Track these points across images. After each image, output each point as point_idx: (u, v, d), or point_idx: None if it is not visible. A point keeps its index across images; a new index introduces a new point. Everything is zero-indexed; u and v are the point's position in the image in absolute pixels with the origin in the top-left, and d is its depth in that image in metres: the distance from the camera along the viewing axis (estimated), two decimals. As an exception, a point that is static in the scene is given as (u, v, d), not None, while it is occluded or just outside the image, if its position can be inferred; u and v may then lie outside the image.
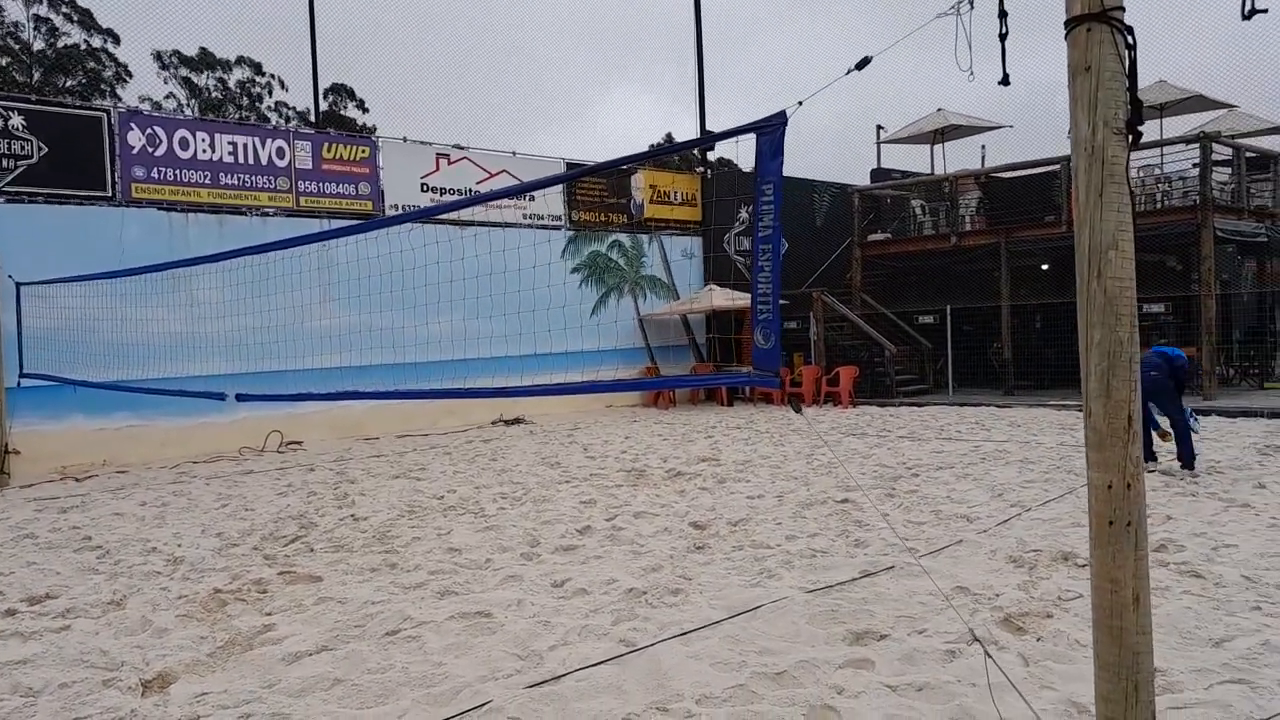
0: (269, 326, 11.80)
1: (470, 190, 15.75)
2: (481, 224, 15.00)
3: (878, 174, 22.91)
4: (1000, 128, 21.67)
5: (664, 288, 18.83)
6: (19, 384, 11.00)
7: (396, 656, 4.35)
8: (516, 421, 15.68)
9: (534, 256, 14.04)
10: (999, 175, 18.44)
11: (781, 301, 3.72)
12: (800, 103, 3.69)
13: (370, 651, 4.44)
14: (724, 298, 17.39)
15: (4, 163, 11.31)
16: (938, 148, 22.74)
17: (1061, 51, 2.41)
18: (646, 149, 27.13)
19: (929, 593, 4.94)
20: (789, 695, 3.74)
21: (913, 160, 25.60)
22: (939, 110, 21.34)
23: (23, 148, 11.47)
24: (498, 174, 16.26)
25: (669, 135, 41.83)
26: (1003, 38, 3.48)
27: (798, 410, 3.88)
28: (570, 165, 16.66)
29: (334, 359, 13.07)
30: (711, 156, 21.08)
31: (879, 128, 23.46)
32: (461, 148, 15.88)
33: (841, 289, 18.92)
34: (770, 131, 3.75)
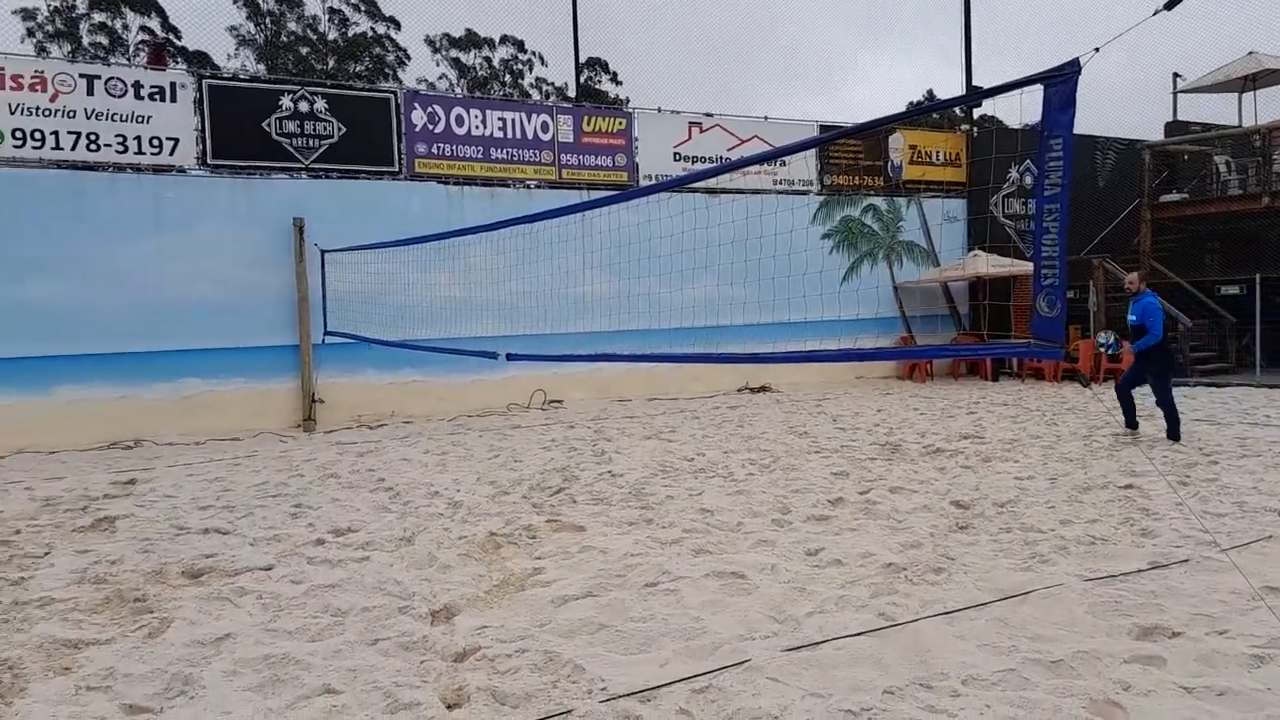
0: (535, 292, 12.51)
1: (721, 158, 15.76)
2: (733, 191, 15.02)
3: (1173, 127, 20.53)
4: (1329, 69, 18.67)
5: (923, 253, 17.93)
6: (324, 341, 12.41)
7: (656, 608, 4.50)
8: (762, 390, 15.67)
9: (786, 222, 13.92)
10: (1327, 124, 15.96)
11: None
12: (1097, 49, 3.39)
13: (632, 601, 4.62)
14: (991, 264, 16.32)
15: (310, 142, 12.72)
16: (1247, 96, 19.99)
17: None
18: (905, 108, 25.93)
19: (1232, 591, 4.43)
20: (1066, 685, 3.49)
21: (1216, 111, 22.58)
22: (1250, 53, 18.70)
23: (325, 128, 12.83)
24: (749, 140, 16.16)
25: (930, 93, 39.69)
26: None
27: (1086, 385, 3.61)
28: (824, 128, 16.23)
29: (593, 323, 13.71)
30: (975, 113, 19.77)
31: (1175, 75, 20.98)
32: (712, 115, 15.93)
33: (1127, 256, 17.19)
34: (1061, 82, 3.47)
